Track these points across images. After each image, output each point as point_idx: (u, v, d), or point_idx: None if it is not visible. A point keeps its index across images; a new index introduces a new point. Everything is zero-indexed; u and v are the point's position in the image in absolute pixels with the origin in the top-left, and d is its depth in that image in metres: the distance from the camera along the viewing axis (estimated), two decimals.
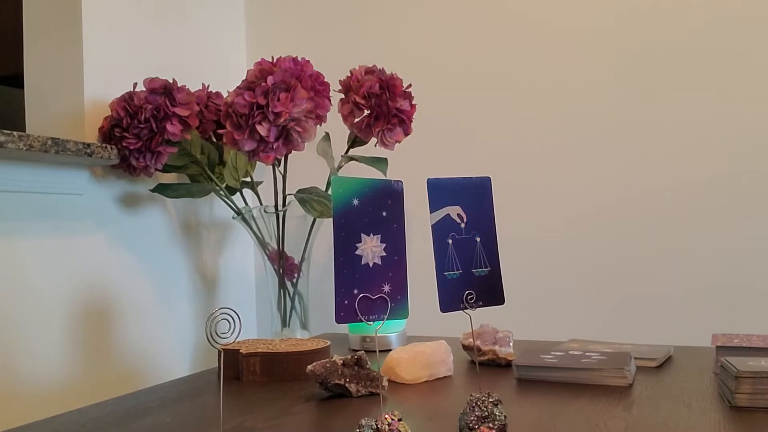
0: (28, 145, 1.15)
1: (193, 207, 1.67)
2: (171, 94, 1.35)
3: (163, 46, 1.61)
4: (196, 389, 1.07)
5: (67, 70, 1.40)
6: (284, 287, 1.49)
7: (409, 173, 1.43)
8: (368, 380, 0.99)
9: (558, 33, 1.63)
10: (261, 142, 1.29)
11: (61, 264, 1.32)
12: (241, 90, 1.29)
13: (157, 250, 1.56)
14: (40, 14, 1.42)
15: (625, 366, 1.00)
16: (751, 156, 1.48)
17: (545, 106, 1.64)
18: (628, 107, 1.58)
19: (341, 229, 0.72)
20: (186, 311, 1.63)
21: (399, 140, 1.41)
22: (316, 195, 1.42)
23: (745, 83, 1.49)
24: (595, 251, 1.59)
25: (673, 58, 1.54)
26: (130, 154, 1.34)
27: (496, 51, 1.68)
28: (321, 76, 1.35)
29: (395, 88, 1.39)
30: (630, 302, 1.56)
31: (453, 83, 1.72)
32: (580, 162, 1.61)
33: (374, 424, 0.69)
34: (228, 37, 1.87)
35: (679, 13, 1.53)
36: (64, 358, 1.32)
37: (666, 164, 1.55)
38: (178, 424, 0.86)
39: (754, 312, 1.47)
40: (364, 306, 0.72)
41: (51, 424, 0.88)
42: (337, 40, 1.83)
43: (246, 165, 1.52)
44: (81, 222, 1.37)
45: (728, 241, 1.49)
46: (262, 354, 1.11)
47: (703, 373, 1.07)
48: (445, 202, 0.82)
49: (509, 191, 1.66)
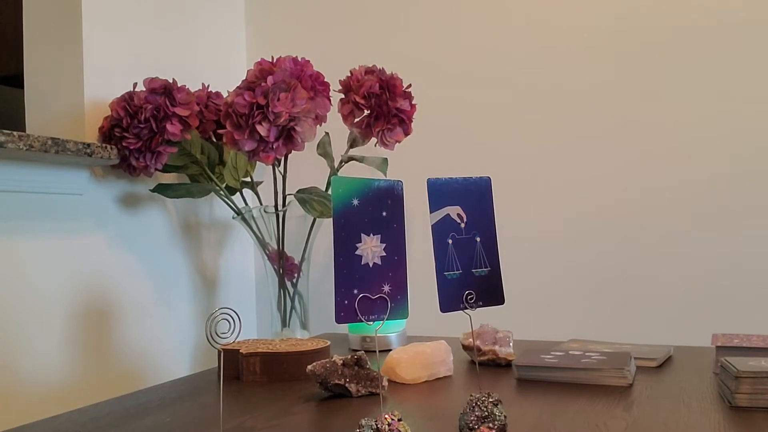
0: (28, 145, 1.15)
1: (193, 207, 1.67)
2: (171, 94, 1.35)
3: (163, 46, 1.61)
4: (196, 389, 1.07)
5: (67, 70, 1.40)
6: (284, 287, 1.49)
7: (409, 173, 1.43)
8: (368, 380, 0.99)
9: (558, 33, 1.63)
10: (261, 142, 1.29)
11: (61, 264, 1.32)
12: (241, 90, 1.29)
13: (157, 250, 1.56)
14: (40, 14, 1.42)
15: (625, 366, 1.00)
16: (752, 156, 1.48)
17: (545, 106, 1.64)
18: (628, 107, 1.57)
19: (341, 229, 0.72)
20: (186, 311, 1.63)
21: (399, 140, 1.41)
22: (316, 195, 1.42)
23: (745, 83, 1.49)
24: (595, 251, 1.59)
25: (673, 58, 1.54)
26: (130, 154, 1.34)
27: (496, 51, 1.68)
28: (321, 76, 1.35)
29: (395, 88, 1.39)
30: (630, 302, 1.56)
31: (453, 83, 1.72)
32: (580, 162, 1.61)
33: (374, 424, 0.69)
34: (228, 37, 1.87)
35: (680, 14, 1.53)
36: (64, 358, 1.32)
37: (666, 164, 1.55)
38: (178, 424, 0.86)
39: (754, 312, 1.47)
40: (364, 306, 0.72)
41: (51, 424, 0.88)
42: (337, 40, 1.83)
43: (246, 165, 1.52)
44: (81, 222, 1.37)
45: (728, 241, 1.49)
46: (262, 354, 1.11)
47: (703, 373, 1.07)
48: (445, 202, 0.82)
49: (509, 191, 1.66)
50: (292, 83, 1.28)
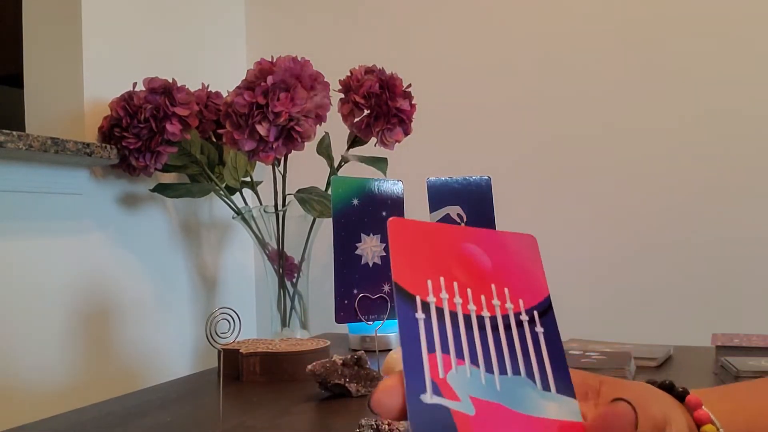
0: (28, 144, 1.15)
1: (192, 207, 1.67)
2: (171, 93, 1.35)
3: (162, 46, 1.61)
4: (196, 389, 1.07)
5: (66, 70, 1.40)
6: (284, 287, 1.49)
7: (409, 173, 1.42)
8: (368, 380, 0.99)
9: (558, 33, 1.63)
10: (261, 142, 1.29)
11: (60, 264, 1.32)
12: (240, 90, 1.29)
13: (156, 249, 1.55)
14: (40, 13, 1.41)
15: (626, 366, 1.00)
16: (752, 156, 1.48)
17: (545, 106, 1.64)
18: (628, 107, 1.57)
19: (341, 228, 0.72)
20: (186, 311, 1.63)
21: (399, 140, 1.41)
22: (316, 195, 1.42)
23: (745, 83, 1.49)
24: (595, 251, 1.59)
25: (674, 57, 1.54)
26: (130, 154, 1.34)
27: (496, 51, 1.68)
28: (321, 76, 1.35)
29: (395, 87, 1.39)
30: (630, 302, 1.56)
31: (453, 83, 1.72)
32: (581, 162, 1.61)
33: (374, 424, 0.69)
34: (228, 37, 1.87)
35: (680, 13, 1.53)
36: (64, 358, 1.32)
37: (666, 164, 1.54)
38: (178, 424, 0.86)
39: (754, 312, 1.47)
40: (364, 306, 0.72)
41: (51, 424, 0.88)
42: (337, 39, 1.83)
43: (246, 165, 1.52)
44: (80, 222, 1.37)
45: (729, 241, 1.49)
46: (262, 354, 1.10)
47: (703, 372, 1.07)
48: (445, 202, 0.82)
49: (509, 191, 1.65)
50: (291, 83, 1.28)
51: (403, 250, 0.36)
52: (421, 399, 0.32)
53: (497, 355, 0.35)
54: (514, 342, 0.36)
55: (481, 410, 0.33)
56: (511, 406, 0.34)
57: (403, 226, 0.36)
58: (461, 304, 0.35)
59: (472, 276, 0.36)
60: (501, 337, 0.35)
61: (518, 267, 0.38)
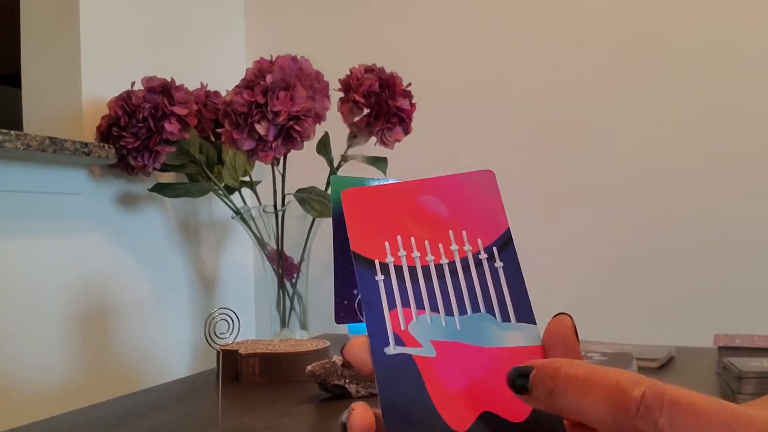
0: (26, 144, 1.14)
1: (191, 206, 1.66)
2: (169, 93, 1.34)
3: (161, 45, 1.60)
4: (195, 390, 1.06)
5: (64, 69, 1.39)
6: (283, 287, 1.49)
7: (409, 173, 1.42)
8: (368, 381, 0.98)
9: (559, 32, 1.63)
10: (260, 142, 1.28)
11: (58, 264, 1.31)
12: (239, 89, 1.29)
13: (155, 249, 1.55)
14: (38, 13, 1.41)
15: (627, 367, 1.00)
16: (753, 155, 1.48)
17: (545, 105, 1.64)
18: (628, 106, 1.57)
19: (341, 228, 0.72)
20: (184, 311, 1.62)
21: (399, 139, 1.41)
22: (315, 194, 1.42)
23: (745, 83, 1.48)
24: (595, 251, 1.59)
25: (675, 57, 1.53)
26: (129, 154, 1.34)
27: (497, 50, 1.68)
28: (320, 75, 1.34)
29: (395, 86, 1.38)
30: (631, 302, 1.55)
31: (453, 82, 1.71)
32: (581, 161, 1.60)
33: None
34: (227, 36, 1.86)
35: (680, 13, 1.53)
36: (63, 359, 1.31)
37: (667, 163, 1.54)
38: (177, 425, 0.85)
39: (756, 312, 1.46)
40: None
41: (50, 424, 0.88)
42: (337, 38, 1.83)
43: (245, 164, 1.52)
44: (79, 221, 1.36)
45: (730, 241, 1.49)
46: (262, 354, 1.10)
47: (705, 373, 1.07)
48: None
49: (509, 191, 1.65)
50: (291, 82, 1.28)
51: (358, 219, 0.39)
52: (385, 351, 0.34)
53: (456, 298, 0.36)
54: (473, 282, 0.37)
55: (442, 351, 0.35)
56: (471, 341, 0.35)
57: (356, 195, 0.39)
58: (419, 257, 0.37)
59: (428, 227, 0.38)
60: (460, 279, 0.37)
61: (476, 206, 0.39)
